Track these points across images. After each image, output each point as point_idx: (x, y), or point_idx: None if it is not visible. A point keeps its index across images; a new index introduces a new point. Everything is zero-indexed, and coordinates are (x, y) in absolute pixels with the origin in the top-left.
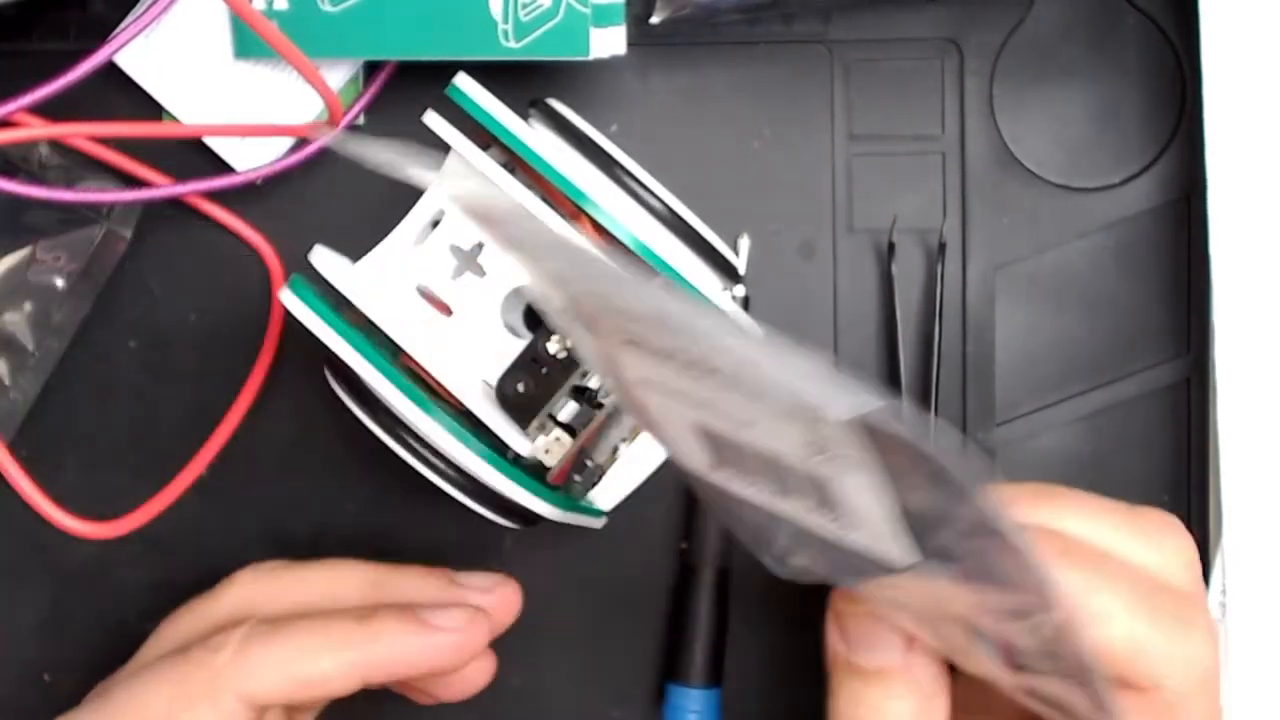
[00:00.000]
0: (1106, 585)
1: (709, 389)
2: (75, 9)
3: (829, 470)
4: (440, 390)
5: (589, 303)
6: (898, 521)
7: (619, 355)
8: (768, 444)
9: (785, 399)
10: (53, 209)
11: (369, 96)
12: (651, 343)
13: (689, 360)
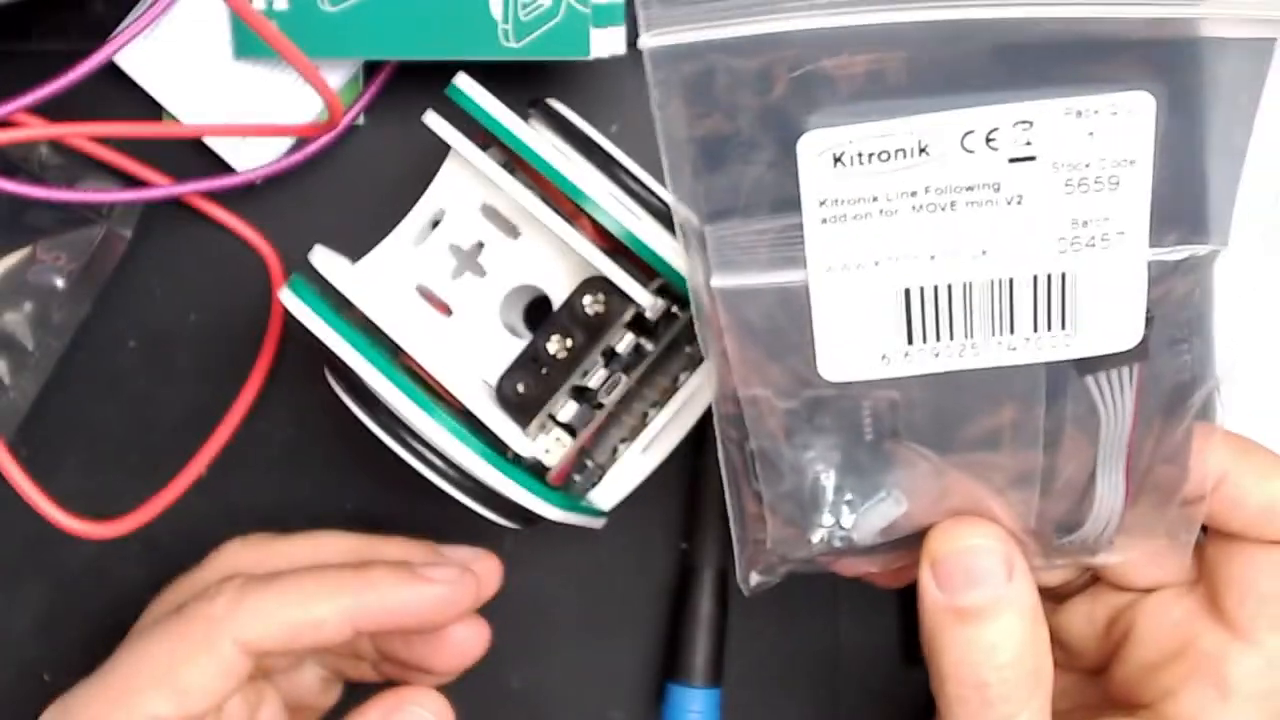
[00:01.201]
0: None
1: (942, 223)
2: (75, 9)
3: (1089, 256)
4: (440, 390)
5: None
6: (1144, 298)
7: (822, 235)
8: (1002, 266)
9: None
10: (53, 209)
11: (369, 96)
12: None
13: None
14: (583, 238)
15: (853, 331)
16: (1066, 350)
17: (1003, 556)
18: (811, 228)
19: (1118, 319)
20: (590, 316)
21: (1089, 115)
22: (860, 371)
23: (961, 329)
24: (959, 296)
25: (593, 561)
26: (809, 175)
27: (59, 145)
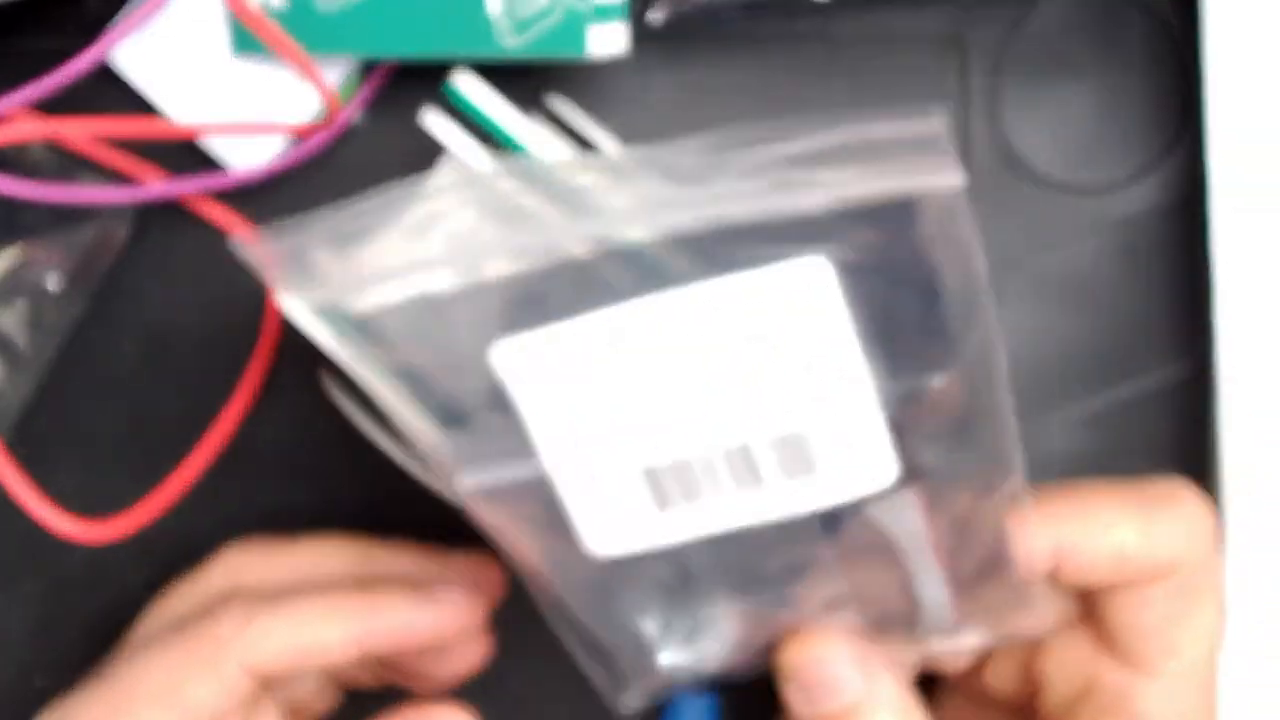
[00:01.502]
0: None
1: (665, 400)
2: (70, 6)
3: (816, 410)
4: None
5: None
6: (888, 432)
7: (549, 426)
8: (736, 431)
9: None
10: (47, 208)
11: (367, 95)
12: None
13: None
14: None
15: (606, 507)
16: (825, 497)
17: (853, 661)
18: (537, 420)
19: (866, 461)
20: None
21: (770, 288)
22: (627, 544)
23: (710, 490)
24: (701, 465)
25: None
26: (516, 376)
27: (54, 144)
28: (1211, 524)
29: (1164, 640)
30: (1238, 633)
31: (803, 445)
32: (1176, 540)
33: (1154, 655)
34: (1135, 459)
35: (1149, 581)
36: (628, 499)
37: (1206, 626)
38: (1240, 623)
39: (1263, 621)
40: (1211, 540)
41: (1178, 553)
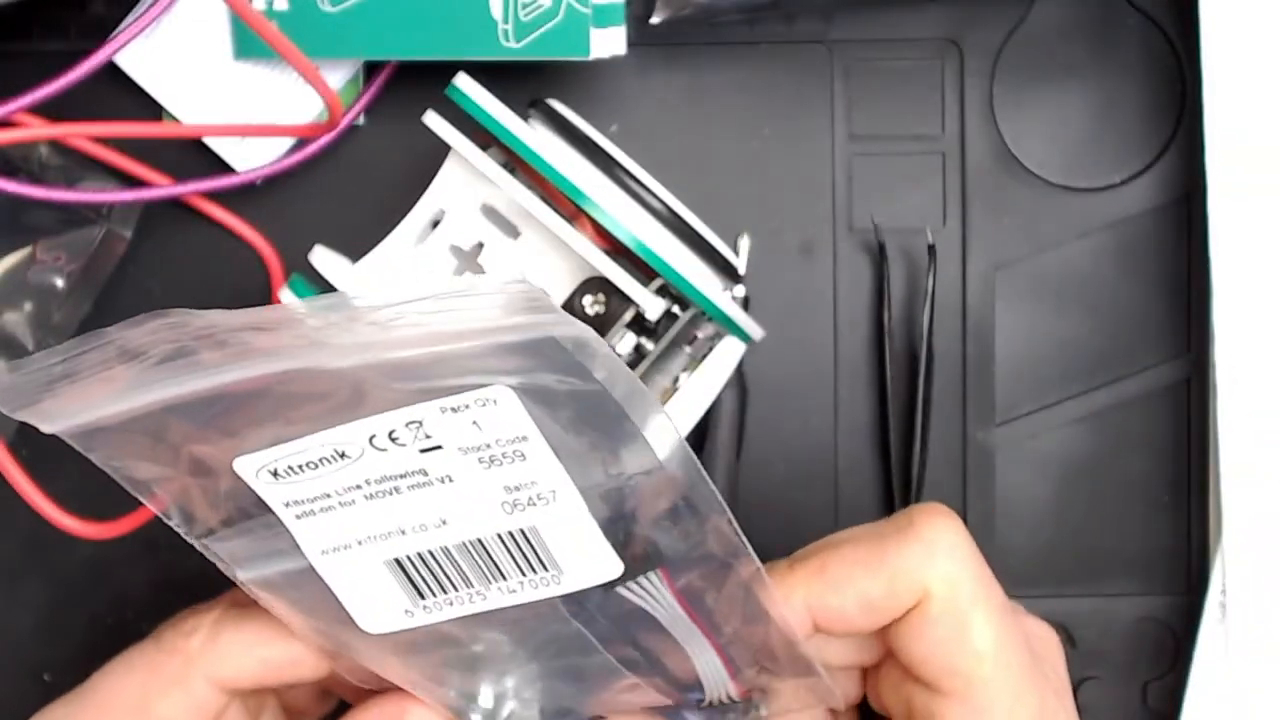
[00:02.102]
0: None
1: (396, 505)
2: (75, 9)
3: (535, 512)
4: None
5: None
6: (603, 536)
7: (301, 528)
8: (465, 531)
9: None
10: (53, 209)
11: (369, 96)
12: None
13: (376, 478)
14: (583, 238)
15: (370, 595)
16: (562, 586)
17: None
18: (290, 523)
19: (592, 555)
20: (590, 317)
21: (464, 410)
22: (394, 624)
23: (460, 582)
24: (442, 559)
25: None
26: (261, 487)
27: (59, 145)
28: (953, 540)
29: (942, 663)
30: (1238, 633)
31: (530, 541)
32: (917, 573)
33: (940, 677)
34: (1133, 458)
35: (907, 615)
36: (386, 587)
37: (981, 645)
38: (1240, 623)
39: (1263, 621)
40: (955, 559)
41: (921, 583)
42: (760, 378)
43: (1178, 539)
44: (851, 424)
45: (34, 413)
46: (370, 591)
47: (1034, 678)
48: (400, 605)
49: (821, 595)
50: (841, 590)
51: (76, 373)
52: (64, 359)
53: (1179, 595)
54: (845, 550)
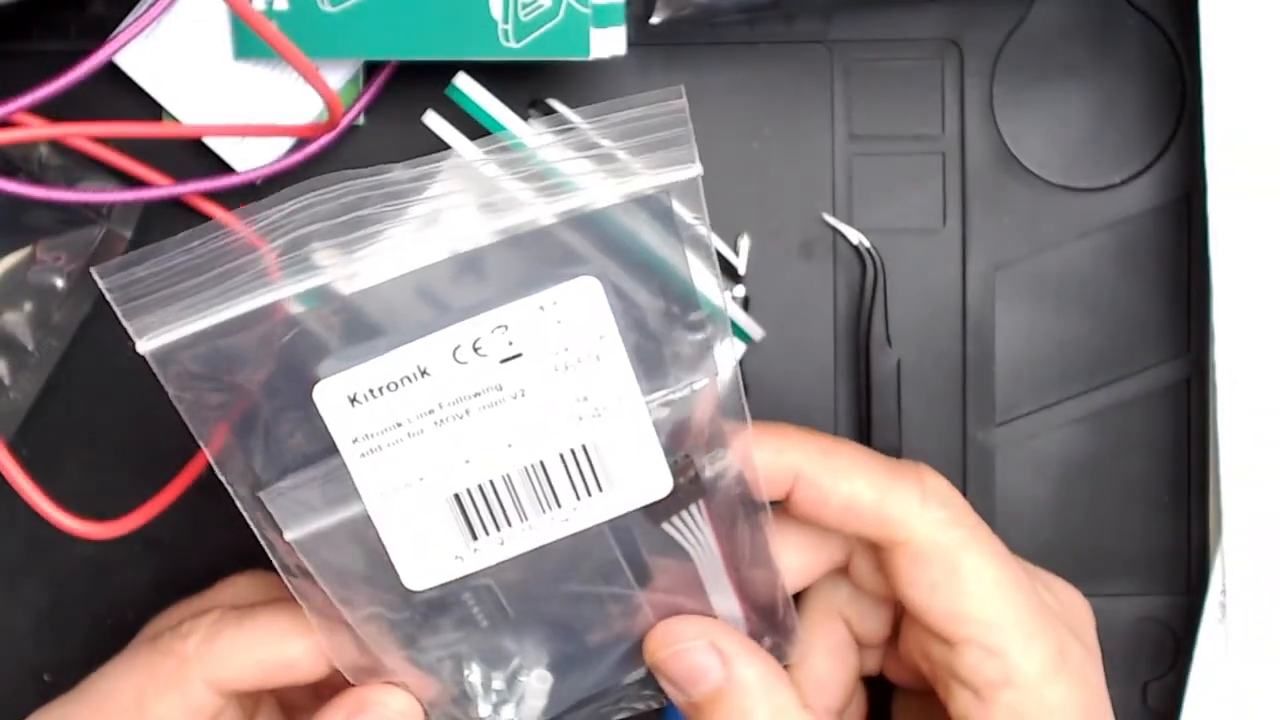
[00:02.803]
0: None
1: (465, 430)
2: (74, 9)
3: (597, 425)
4: None
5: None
6: (660, 448)
7: (364, 468)
8: (529, 453)
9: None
10: (53, 209)
11: (369, 96)
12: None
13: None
14: None
15: (422, 542)
16: (612, 509)
17: (710, 647)
18: (353, 464)
19: (644, 471)
20: None
21: (550, 307)
22: (441, 575)
23: (516, 515)
24: (502, 489)
25: None
26: (334, 420)
27: (59, 145)
28: (950, 492)
29: (943, 608)
30: (1238, 633)
31: (590, 458)
32: (907, 506)
33: (946, 626)
34: (1133, 458)
35: (894, 553)
36: (440, 529)
37: (977, 585)
38: (1240, 623)
39: (1263, 621)
40: (952, 505)
41: (907, 518)
42: (760, 378)
43: (1178, 539)
44: (851, 423)
45: (140, 322)
46: (423, 536)
47: (1048, 622)
48: (452, 550)
49: (816, 471)
50: (836, 477)
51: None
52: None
53: (1179, 595)
54: (856, 452)
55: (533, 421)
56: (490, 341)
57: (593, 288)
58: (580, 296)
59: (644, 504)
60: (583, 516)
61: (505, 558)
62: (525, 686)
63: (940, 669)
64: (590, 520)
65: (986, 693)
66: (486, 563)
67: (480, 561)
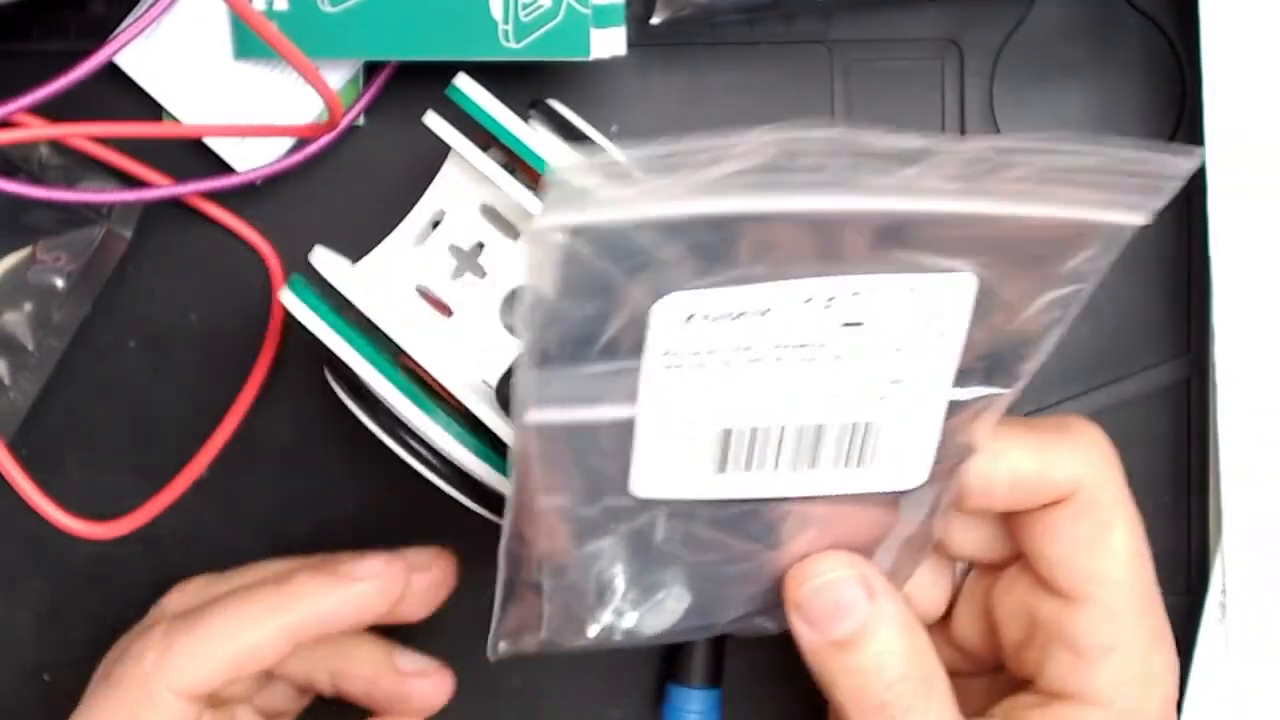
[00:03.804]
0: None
1: (771, 374)
2: (74, 9)
3: (892, 408)
4: (440, 390)
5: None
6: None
7: (659, 380)
8: (815, 414)
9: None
10: (53, 209)
11: (369, 97)
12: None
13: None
14: None
15: (669, 459)
16: (858, 485)
17: (859, 580)
18: (651, 373)
19: (910, 460)
20: None
21: (919, 291)
22: (669, 491)
23: (770, 464)
24: (773, 438)
25: None
26: (659, 330)
27: (59, 145)
28: (1106, 448)
29: (1081, 566)
30: (1238, 633)
31: (866, 437)
32: (1069, 463)
33: (1076, 582)
34: (1133, 458)
35: (1050, 505)
36: (695, 454)
37: (1120, 547)
38: (1240, 623)
39: (1263, 621)
40: (1106, 463)
41: (1072, 474)
42: None
43: (1178, 539)
44: None
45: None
46: (675, 455)
47: (1156, 597)
48: (693, 474)
49: (977, 464)
50: (996, 459)
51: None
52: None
53: (1179, 595)
54: (1003, 426)
55: (837, 387)
56: (844, 303)
57: (968, 286)
58: (952, 291)
59: (893, 489)
60: (828, 483)
61: (732, 496)
62: (659, 603)
63: (1043, 630)
64: (833, 489)
65: (1094, 656)
66: (717, 495)
67: (710, 491)
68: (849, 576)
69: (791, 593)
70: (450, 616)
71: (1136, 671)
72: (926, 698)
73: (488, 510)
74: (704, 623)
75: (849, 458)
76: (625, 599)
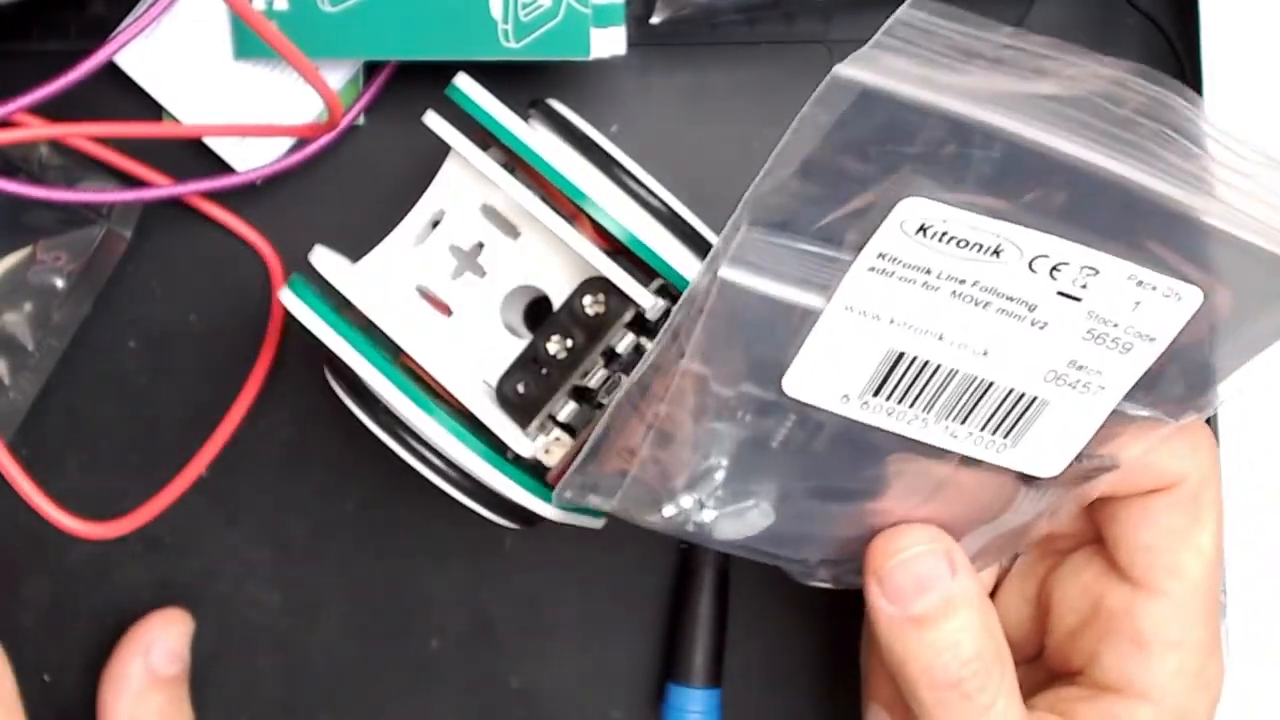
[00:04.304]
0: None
1: (967, 316)
2: (74, 9)
3: (1064, 394)
4: (440, 390)
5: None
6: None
7: (862, 280)
8: (989, 370)
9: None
10: (53, 209)
11: (369, 97)
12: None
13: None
14: (583, 238)
15: (833, 366)
16: (996, 457)
17: (944, 555)
18: (858, 271)
19: (1054, 451)
20: (590, 316)
21: (1145, 288)
22: (817, 398)
23: (924, 404)
24: (939, 378)
25: (593, 561)
26: (888, 230)
27: (59, 145)
28: (1214, 447)
29: (1167, 558)
30: (1238, 633)
31: (1025, 412)
32: (1178, 454)
33: (1157, 573)
34: None
35: (1149, 493)
36: (859, 368)
37: (1207, 546)
38: (1240, 623)
39: (1262, 621)
40: (1211, 460)
41: (1178, 466)
42: None
43: None
44: None
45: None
46: (839, 361)
47: (1219, 606)
48: (846, 389)
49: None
50: (1104, 446)
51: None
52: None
53: None
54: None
55: (1024, 351)
56: (1071, 272)
57: (1193, 301)
58: (1176, 297)
59: (1023, 472)
60: (967, 444)
61: (876, 424)
62: (744, 510)
63: (1105, 618)
64: (970, 451)
65: (1157, 649)
66: (861, 417)
67: (856, 413)
68: (933, 551)
69: (874, 564)
70: (450, 616)
71: (1193, 672)
72: (1000, 677)
73: (488, 510)
74: (774, 550)
75: (1000, 426)
76: (714, 494)
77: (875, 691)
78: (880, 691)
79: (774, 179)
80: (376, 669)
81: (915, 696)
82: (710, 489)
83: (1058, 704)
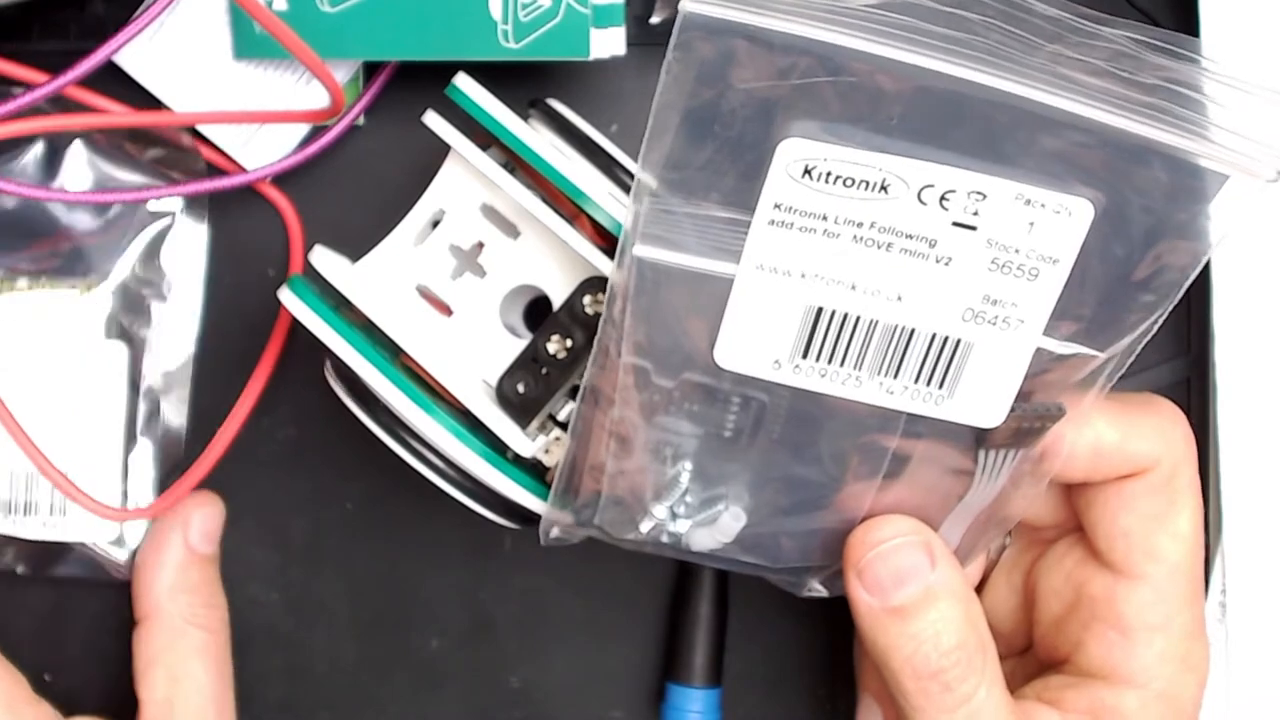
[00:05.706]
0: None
1: (873, 260)
2: (74, 9)
3: (985, 333)
4: (440, 390)
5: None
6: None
7: (764, 237)
8: (909, 316)
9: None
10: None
11: (369, 97)
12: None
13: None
14: (583, 238)
15: (757, 330)
16: (936, 410)
17: (922, 546)
18: (758, 226)
19: (990, 396)
20: (590, 316)
21: (1035, 206)
22: (751, 367)
23: (853, 360)
24: (862, 330)
25: (593, 561)
26: (776, 177)
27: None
28: (1187, 430)
29: (1144, 542)
30: (1238, 633)
31: (955, 356)
32: (1150, 438)
33: (1136, 558)
34: None
35: (1124, 478)
36: (782, 329)
37: (1185, 529)
38: (1240, 623)
39: (1263, 621)
40: (1187, 445)
41: (1152, 450)
42: None
43: None
44: None
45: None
46: (762, 325)
47: (1202, 589)
48: (775, 354)
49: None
50: (1080, 428)
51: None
52: None
53: None
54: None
55: (936, 291)
56: (959, 200)
57: (1084, 213)
58: (1068, 213)
59: (962, 422)
60: (905, 400)
61: (812, 389)
62: (715, 515)
63: (1089, 605)
64: (910, 407)
65: (1140, 634)
66: (796, 382)
67: (792, 379)
68: (912, 542)
69: (853, 556)
70: (451, 616)
71: (1178, 656)
72: (981, 667)
73: (487, 510)
74: (755, 559)
75: (932, 376)
76: (683, 500)
77: (866, 683)
78: (871, 683)
79: (661, 146)
80: (376, 669)
81: (898, 687)
82: (678, 494)
83: (1045, 692)
